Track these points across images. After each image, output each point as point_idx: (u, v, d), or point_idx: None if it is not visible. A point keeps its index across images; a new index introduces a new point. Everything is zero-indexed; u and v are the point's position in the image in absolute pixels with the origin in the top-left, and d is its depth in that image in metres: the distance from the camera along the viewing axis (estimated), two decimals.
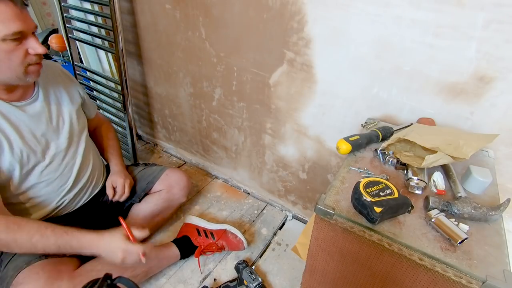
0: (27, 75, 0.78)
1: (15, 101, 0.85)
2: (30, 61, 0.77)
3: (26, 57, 0.76)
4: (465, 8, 0.74)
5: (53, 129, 0.92)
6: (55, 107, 0.94)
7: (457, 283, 0.54)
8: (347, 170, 0.76)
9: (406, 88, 0.91)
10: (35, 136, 0.88)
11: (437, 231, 0.60)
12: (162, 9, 1.32)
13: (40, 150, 0.89)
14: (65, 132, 0.95)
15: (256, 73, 1.21)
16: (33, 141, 0.87)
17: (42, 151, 0.89)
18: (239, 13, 1.11)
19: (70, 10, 1.43)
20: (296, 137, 1.27)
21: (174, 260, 1.19)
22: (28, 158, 0.86)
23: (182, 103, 1.59)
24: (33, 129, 0.88)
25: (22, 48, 0.74)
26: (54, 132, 0.93)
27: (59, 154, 0.94)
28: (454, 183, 0.71)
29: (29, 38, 0.75)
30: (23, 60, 0.75)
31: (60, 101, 0.96)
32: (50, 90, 0.94)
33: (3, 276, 0.84)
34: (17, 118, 0.84)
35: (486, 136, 0.76)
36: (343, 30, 0.93)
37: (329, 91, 1.07)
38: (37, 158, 0.88)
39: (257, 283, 1.07)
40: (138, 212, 1.19)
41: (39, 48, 0.76)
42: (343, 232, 0.65)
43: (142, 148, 1.95)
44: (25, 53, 0.75)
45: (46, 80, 0.94)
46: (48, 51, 0.77)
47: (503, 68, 0.75)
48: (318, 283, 0.82)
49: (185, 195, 1.27)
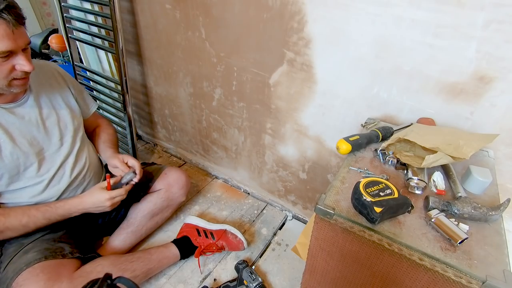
0: (10, 87, 0.79)
1: (4, 103, 0.84)
2: (15, 76, 0.77)
3: (11, 72, 0.76)
4: (465, 8, 0.74)
5: (44, 131, 0.92)
6: (46, 109, 0.93)
7: (457, 283, 0.54)
8: (347, 170, 0.76)
9: (406, 88, 0.91)
10: (26, 138, 0.87)
11: (437, 231, 0.60)
12: (162, 9, 1.32)
13: (32, 152, 0.88)
14: (57, 133, 0.95)
15: (256, 73, 1.21)
16: (24, 143, 0.87)
17: (33, 154, 0.89)
18: (239, 13, 1.11)
19: (70, 10, 1.42)
20: (296, 137, 1.27)
21: (174, 261, 1.18)
22: (19, 161, 0.86)
23: (182, 103, 1.59)
24: (24, 131, 0.87)
25: (9, 63, 0.74)
26: (46, 134, 0.92)
27: (52, 156, 0.94)
28: (454, 183, 0.71)
29: (18, 55, 0.75)
30: (7, 75, 0.75)
31: (53, 103, 0.96)
32: (42, 92, 0.93)
33: (3, 278, 0.84)
34: (7, 120, 0.84)
35: (486, 136, 0.76)
36: (343, 30, 0.93)
37: (329, 91, 1.07)
38: (29, 160, 0.88)
39: (257, 283, 1.07)
40: (138, 212, 1.19)
41: (26, 66, 0.76)
42: (343, 232, 0.65)
43: (142, 148, 1.95)
44: (11, 68, 0.75)
45: (39, 82, 0.93)
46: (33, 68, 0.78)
47: (503, 68, 0.75)
48: (318, 283, 0.82)
49: (184, 194, 1.27)
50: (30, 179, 0.90)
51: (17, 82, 0.79)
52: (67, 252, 0.93)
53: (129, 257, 1.05)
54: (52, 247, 0.92)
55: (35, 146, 0.90)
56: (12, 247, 0.90)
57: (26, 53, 0.77)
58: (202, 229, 1.26)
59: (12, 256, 0.87)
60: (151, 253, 1.12)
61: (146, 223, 1.21)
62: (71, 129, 0.99)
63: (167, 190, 1.22)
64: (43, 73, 0.96)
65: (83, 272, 0.90)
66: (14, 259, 0.86)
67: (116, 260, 1.01)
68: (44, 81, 0.95)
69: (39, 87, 0.93)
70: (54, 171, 0.94)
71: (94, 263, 0.95)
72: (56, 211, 0.91)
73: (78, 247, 0.99)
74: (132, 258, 1.05)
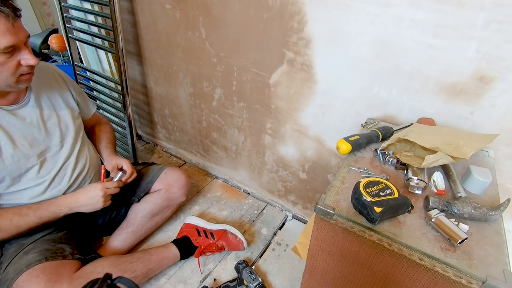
0: (18, 83, 0.79)
1: (6, 105, 0.84)
2: (22, 72, 0.77)
3: (18, 68, 0.76)
4: (465, 8, 0.74)
5: (45, 132, 0.92)
6: (47, 111, 0.93)
7: (457, 283, 0.54)
8: (347, 170, 0.76)
9: (406, 88, 0.91)
10: (27, 140, 0.87)
11: (437, 231, 0.60)
12: (162, 9, 1.32)
13: (33, 154, 0.89)
14: (58, 134, 0.95)
15: (256, 73, 1.21)
16: (25, 145, 0.87)
17: (35, 155, 0.89)
18: (239, 13, 1.11)
19: (70, 10, 1.42)
20: (296, 137, 1.27)
21: (174, 261, 1.18)
22: (21, 163, 0.86)
23: (182, 103, 1.59)
24: (25, 133, 0.87)
25: (14, 59, 0.74)
26: (47, 135, 0.92)
27: (53, 157, 0.94)
28: (454, 183, 0.71)
29: (22, 50, 0.74)
30: (14, 71, 0.76)
31: (53, 104, 0.96)
32: (42, 93, 0.93)
33: (3, 279, 0.84)
34: (8, 122, 0.84)
35: (486, 136, 0.76)
36: (343, 30, 0.93)
37: (329, 91, 1.07)
38: (30, 162, 0.88)
39: (257, 283, 1.07)
40: (137, 212, 1.19)
41: (31, 60, 0.76)
42: (343, 232, 0.65)
43: (142, 148, 1.95)
44: (17, 64, 0.75)
45: (39, 83, 0.93)
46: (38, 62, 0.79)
47: (503, 68, 0.75)
48: (318, 283, 0.82)
49: (184, 194, 1.27)
50: (31, 180, 0.90)
51: (24, 77, 0.79)
52: (68, 253, 0.93)
53: (129, 257, 1.05)
54: (52, 248, 0.92)
55: (36, 147, 0.90)
56: (13, 247, 0.90)
57: (28, 47, 0.77)
58: (202, 229, 1.26)
59: (13, 257, 0.87)
60: (151, 253, 1.12)
61: (146, 223, 1.21)
62: (72, 130, 0.99)
63: (167, 190, 1.22)
64: (43, 74, 0.96)
65: (83, 273, 0.90)
66: (15, 260, 0.86)
67: (116, 260, 1.01)
68: (44, 82, 0.95)
69: (40, 88, 0.93)
70: (55, 172, 0.94)
71: (94, 264, 0.95)
72: (47, 208, 0.90)
73: (79, 248, 0.99)
74: (132, 259, 1.05)
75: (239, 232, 1.27)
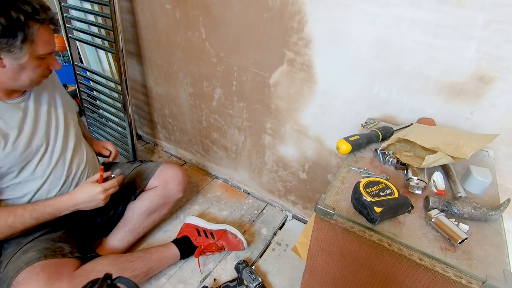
0: (38, 83, 0.88)
1: (10, 98, 0.87)
2: (45, 74, 0.87)
3: (45, 71, 0.86)
4: (465, 8, 0.74)
5: (45, 126, 0.93)
6: (46, 105, 0.95)
7: (457, 283, 0.54)
8: (347, 170, 0.76)
9: (406, 88, 0.91)
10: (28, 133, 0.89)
11: (437, 231, 0.60)
12: (162, 9, 1.32)
13: (33, 147, 0.90)
14: (56, 129, 0.97)
15: (256, 73, 1.21)
16: (27, 138, 0.88)
17: (35, 148, 0.90)
18: (239, 13, 1.11)
19: (70, 10, 1.43)
20: (296, 137, 1.27)
21: (174, 260, 1.18)
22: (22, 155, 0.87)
23: (182, 103, 1.59)
24: (27, 126, 0.89)
25: (45, 63, 0.84)
26: (47, 129, 0.94)
27: (52, 151, 0.95)
28: (454, 183, 0.71)
29: (51, 56, 0.86)
30: (42, 73, 0.85)
31: (51, 99, 0.98)
32: (41, 89, 0.95)
33: (3, 277, 0.84)
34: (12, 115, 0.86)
35: (486, 136, 0.76)
36: (343, 30, 0.93)
37: (329, 91, 1.07)
38: (30, 155, 0.89)
39: (257, 283, 1.07)
40: (134, 210, 1.18)
41: (57, 65, 0.88)
42: (343, 232, 0.65)
43: (142, 148, 1.95)
44: (45, 68, 0.85)
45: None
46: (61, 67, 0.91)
47: (503, 68, 0.75)
48: (318, 283, 0.82)
49: (181, 191, 1.26)
50: (30, 173, 0.91)
51: (43, 78, 0.88)
52: (67, 251, 0.93)
53: (129, 256, 1.05)
54: (52, 246, 0.92)
55: (37, 140, 0.91)
56: (11, 247, 0.90)
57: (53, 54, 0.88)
58: (202, 229, 1.26)
59: (12, 256, 0.87)
60: (151, 252, 1.12)
61: (143, 221, 1.21)
62: (70, 124, 1.01)
63: (164, 187, 1.21)
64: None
65: (83, 271, 0.90)
66: (14, 258, 0.87)
67: (116, 259, 1.01)
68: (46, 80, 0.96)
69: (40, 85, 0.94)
70: (53, 166, 0.95)
71: (94, 263, 0.95)
72: (44, 209, 0.89)
73: (78, 247, 0.99)
74: (132, 258, 1.05)
75: (239, 232, 1.27)
